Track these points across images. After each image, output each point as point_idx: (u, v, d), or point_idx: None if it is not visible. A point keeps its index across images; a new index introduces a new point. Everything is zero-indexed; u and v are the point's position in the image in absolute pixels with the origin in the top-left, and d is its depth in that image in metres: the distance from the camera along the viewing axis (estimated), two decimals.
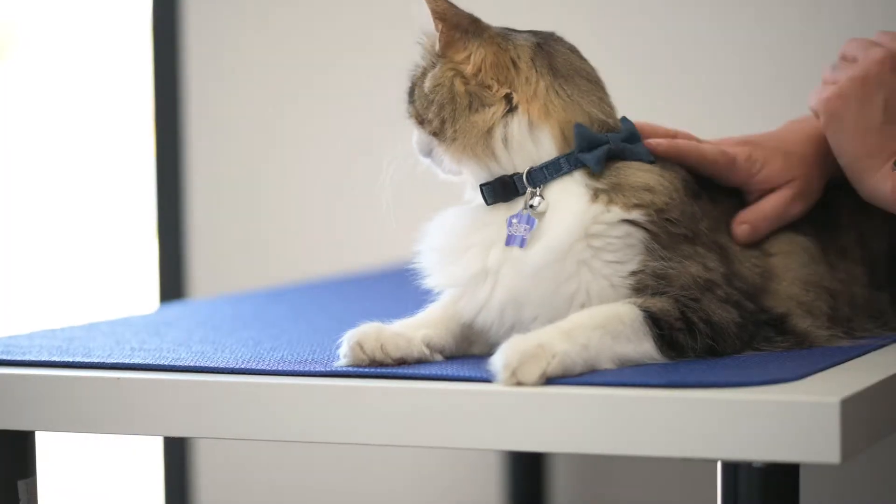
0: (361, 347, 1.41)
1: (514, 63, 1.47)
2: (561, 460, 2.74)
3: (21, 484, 1.48)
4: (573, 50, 1.52)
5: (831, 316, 1.54)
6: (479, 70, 1.47)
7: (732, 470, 1.26)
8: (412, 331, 1.44)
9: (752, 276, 1.51)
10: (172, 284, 2.99)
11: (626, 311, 1.39)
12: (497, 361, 1.31)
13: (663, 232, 1.44)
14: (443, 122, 1.47)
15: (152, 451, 3.08)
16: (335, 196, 2.90)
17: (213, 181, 2.98)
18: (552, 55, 1.49)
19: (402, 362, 1.42)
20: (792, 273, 1.54)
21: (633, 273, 1.43)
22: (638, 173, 1.46)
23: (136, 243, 3.20)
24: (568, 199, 1.45)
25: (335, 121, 2.89)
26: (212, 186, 2.98)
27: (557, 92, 1.47)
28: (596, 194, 1.44)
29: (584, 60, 1.52)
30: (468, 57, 1.48)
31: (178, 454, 2.97)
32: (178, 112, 2.98)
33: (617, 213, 1.44)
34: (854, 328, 1.56)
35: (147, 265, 3.08)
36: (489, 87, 1.47)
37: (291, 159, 2.93)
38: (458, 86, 1.47)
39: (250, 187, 2.96)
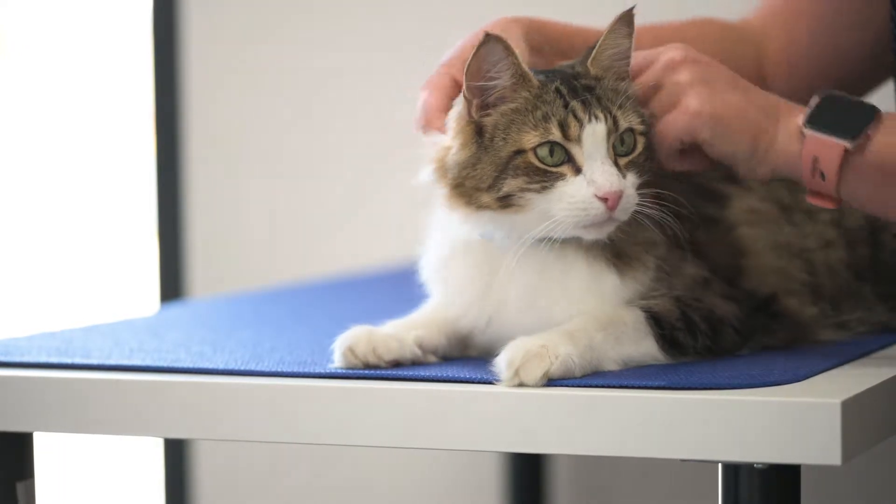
0: (353, 352, 1.40)
1: None
2: (561, 461, 2.74)
3: (20, 485, 1.47)
4: None
5: (813, 287, 1.54)
6: None
7: (733, 471, 1.25)
8: (404, 332, 1.43)
9: (724, 261, 1.51)
10: (172, 285, 2.99)
11: (628, 313, 1.40)
12: (501, 360, 1.32)
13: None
14: None
15: (152, 452, 3.08)
16: (335, 196, 2.90)
17: (212, 181, 2.97)
18: None
19: (395, 364, 1.41)
20: (760, 243, 1.53)
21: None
22: None
23: (136, 244, 3.20)
24: None
25: (335, 121, 2.89)
26: (212, 186, 2.97)
27: None
28: None
29: None
30: None
31: (178, 455, 2.97)
32: (178, 112, 2.98)
33: None
34: (841, 308, 1.55)
35: (147, 265, 3.07)
36: None
37: (291, 160, 2.93)
38: None
39: (250, 187, 2.96)
